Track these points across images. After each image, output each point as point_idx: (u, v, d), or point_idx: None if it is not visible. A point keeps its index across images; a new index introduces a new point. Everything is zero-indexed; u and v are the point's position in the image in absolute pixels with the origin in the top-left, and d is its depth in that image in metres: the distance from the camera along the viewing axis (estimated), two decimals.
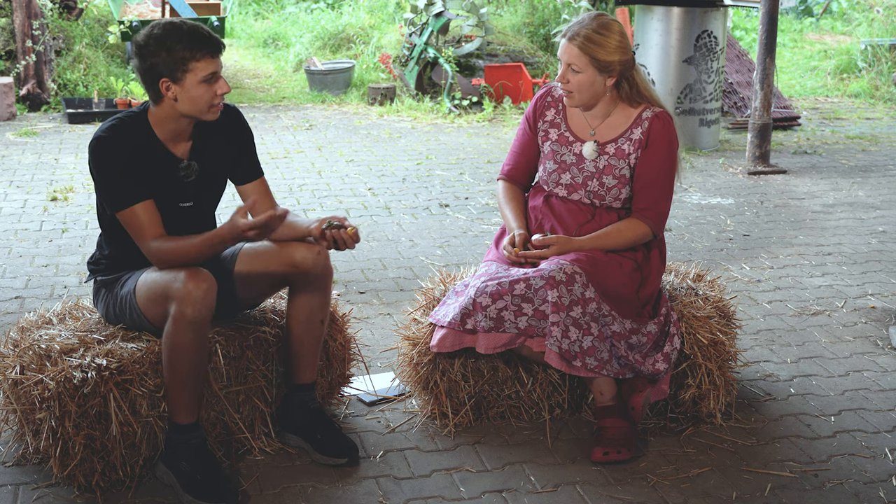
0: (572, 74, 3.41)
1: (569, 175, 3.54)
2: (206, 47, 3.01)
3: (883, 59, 11.26)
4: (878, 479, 3.23)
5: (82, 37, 10.13)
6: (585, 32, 3.36)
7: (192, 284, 2.93)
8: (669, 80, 8.07)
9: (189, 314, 2.94)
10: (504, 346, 3.35)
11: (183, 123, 3.12)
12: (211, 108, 3.08)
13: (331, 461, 3.26)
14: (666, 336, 3.44)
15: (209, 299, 2.96)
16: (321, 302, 3.29)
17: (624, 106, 3.51)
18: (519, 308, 3.29)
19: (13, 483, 3.15)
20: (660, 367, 3.38)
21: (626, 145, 3.48)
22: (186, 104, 3.04)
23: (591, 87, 3.42)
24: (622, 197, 3.53)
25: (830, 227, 6.14)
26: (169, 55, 2.98)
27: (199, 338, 3.00)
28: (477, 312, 3.32)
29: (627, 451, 3.30)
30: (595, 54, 3.36)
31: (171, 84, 3.01)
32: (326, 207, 6.45)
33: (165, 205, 3.14)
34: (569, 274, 3.28)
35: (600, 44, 3.36)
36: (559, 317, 3.24)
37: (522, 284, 3.30)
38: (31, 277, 5.08)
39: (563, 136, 3.56)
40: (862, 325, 4.55)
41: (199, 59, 3.00)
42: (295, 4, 14.64)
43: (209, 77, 3.03)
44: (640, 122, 3.48)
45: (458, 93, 9.91)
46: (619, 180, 3.50)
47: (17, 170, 7.36)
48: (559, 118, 3.59)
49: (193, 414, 3.08)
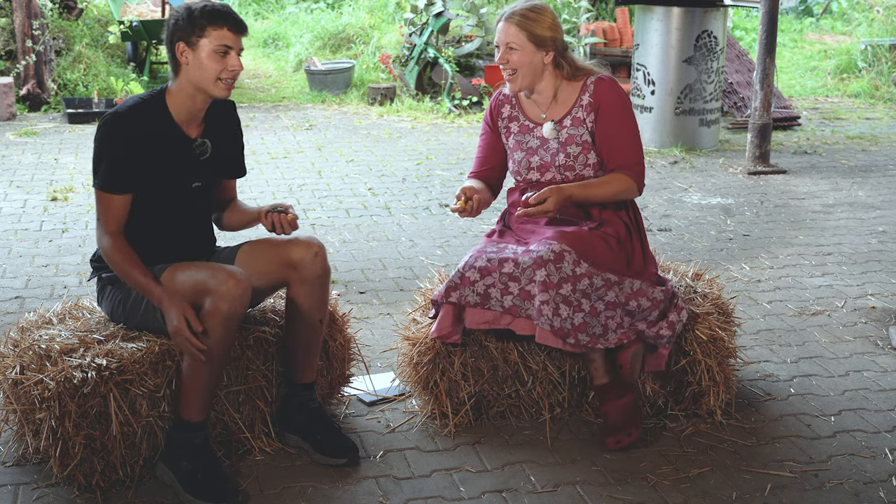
0: (510, 53, 3.50)
1: (537, 157, 3.61)
2: (227, 20, 3.08)
3: (883, 59, 11.26)
4: (878, 479, 3.23)
5: (82, 37, 10.13)
6: (521, 11, 3.51)
7: (232, 282, 2.99)
8: (669, 80, 8.07)
9: (225, 310, 2.97)
10: (488, 323, 3.39)
11: (197, 100, 3.16)
12: (218, 81, 3.10)
13: (331, 461, 3.26)
14: (674, 307, 3.46)
15: (245, 298, 3.02)
16: (319, 302, 3.29)
17: (567, 83, 3.60)
18: (506, 286, 3.34)
19: (13, 483, 3.15)
20: (663, 332, 3.40)
21: (579, 113, 3.57)
22: (195, 71, 3.09)
23: (531, 64, 3.51)
24: (591, 162, 3.57)
25: (830, 227, 6.14)
26: (190, 20, 3.07)
27: (230, 335, 3.03)
28: (464, 286, 3.37)
29: (636, 428, 3.38)
30: (532, 29, 3.48)
31: (186, 48, 3.08)
32: (326, 207, 6.45)
33: (178, 185, 3.20)
34: (557, 252, 3.31)
35: (535, 20, 3.50)
36: (548, 295, 3.26)
37: (511, 263, 3.34)
38: (31, 277, 5.08)
39: (524, 125, 3.65)
40: (862, 325, 4.55)
41: (217, 28, 3.06)
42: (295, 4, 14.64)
43: (223, 49, 3.07)
44: (585, 89, 3.57)
45: (458, 93, 9.91)
46: (583, 147, 3.56)
47: (17, 170, 7.37)
48: (516, 111, 3.68)
49: (204, 412, 3.09)
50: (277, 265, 3.24)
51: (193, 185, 3.24)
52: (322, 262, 3.26)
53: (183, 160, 3.20)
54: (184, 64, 3.10)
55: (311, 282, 3.25)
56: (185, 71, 3.11)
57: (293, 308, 3.28)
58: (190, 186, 3.24)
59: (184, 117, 3.18)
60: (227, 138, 3.35)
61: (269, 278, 3.27)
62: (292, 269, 3.24)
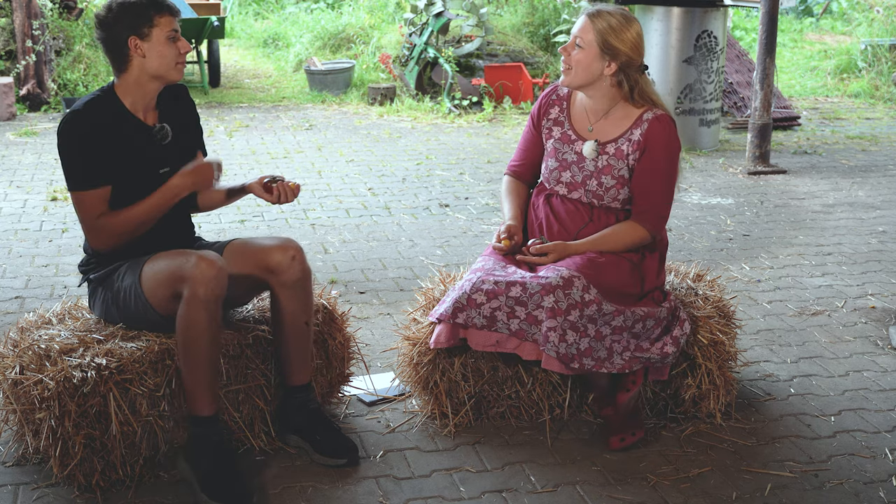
0: (575, 49, 3.43)
1: (569, 174, 3.55)
2: (168, 6, 3.20)
3: (883, 59, 11.26)
4: (878, 479, 3.23)
5: (82, 37, 10.13)
6: (606, 15, 3.42)
7: (204, 264, 2.99)
8: (669, 80, 8.07)
9: (202, 294, 2.97)
10: (494, 346, 3.35)
11: (151, 89, 3.24)
12: (177, 66, 3.22)
13: (330, 461, 3.26)
14: (676, 320, 3.45)
15: (221, 279, 3.01)
16: (303, 305, 3.28)
17: (626, 105, 3.50)
18: (512, 310, 3.29)
19: (13, 483, 3.15)
20: (668, 349, 3.39)
21: (625, 146, 3.48)
22: (155, 60, 3.17)
23: (589, 68, 3.43)
24: (621, 198, 3.52)
25: (830, 227, 6.14)
26: (133, 14, 3.16)
27: (213, 318, 3.02)
28: (470, 308, 3.32)
29: (639, 429, 3.38)
30: (606, 36, 3.38)
31: (139, 41, 3.16)
32: (326, 207, 6.45)
33: (146, 174, 3.23)
34: (566, 278, 3.28)
35: (616, 29, 3.39)
36: (556, 321, 3.24)
37: (519, 287, 3.30)
38: (31, 277, 5.08)
39: (566, 134, 3.57)
40: (862, 325, 4.55)
41: (162, 15, 3.18)
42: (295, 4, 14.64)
43: (172, 34, 3.18)
44: (640, 124, 3.47)
45: (458, 93, 9.91)
46: (618, 181, 3.50)
47: (17, 170, 7.37)
48: (563, 116, 3.60)
49: (213, 405, 3.08)
50: (255, 269, 3.24)
51: (161, 171, 3.26)
52: (300, 264, 3.24)
53: (146, 148, 3.23)
54: (138, 56, 3.16)
55: (292, 285, 3.24)
56: (139, 63, 3.18)
57: (278, 313, 3.28)
58: (157, 173, 3.25)
59: (139, 107, 3.24)
60: (186, 120, 3.40)
61: (249, 281, 3.27)
62: (271, 273, 3.23)
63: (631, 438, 3.36)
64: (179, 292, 3.02)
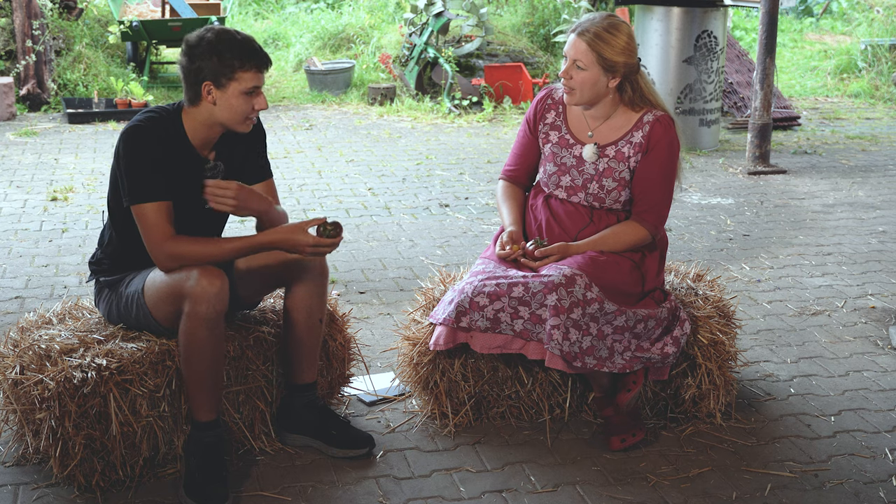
0: (576, 71, 3.39)
1: (569, 177, 3.54)
2: (256, 60, 3.04)
3: (883, 59, 11.26)
4: (878, 479, 3.23)
5: (82, 37, 10.13)
6: (595, 30, 3.36)
7: (205, 281, 2.94)
8: (669, 80, 8.07)
9: (203, 311, 2.95)
10: (499, 348, 3.35)
11: (215, 131, 3.13)
12: (246, 121, 3.11)
13: (350, 453, 3.28)
14: (676, 320, 3.45)
15: (223, 296, 2.98)
16: (319, 301, 3.29)
17: (625, 109, 3.50)
18: (515, 311, 3.30)
19: (13, 483, 3.15)
20: (668, 350, 3.39)
21: (626, 148, 3.48)
22: (224, 112, 3.06)
23: (594, 87, 3.41)
24: (622, 199, 3.52)
25: (830, 227, 6.14)
26: (219, 61, 3.00)
27: (215, 335, 3.00)
28: (473, 311, 3.32)
29: (640, 429, 3.38)
30: (602, 52, 3.35)
31: (214, 89, 3.03)
32: (326, 207, 6.45)
33: (189, 205, 3.13)
34: (568, 276, 3.28)
35: (609, 42, 3.35)
36: (559, 320, 3.24)
37: (521, 287, 3.30)
38: (31, 277, 5.08)
39: (564, 138, 3.56)
40: (862, 325, 4.55)
41: (247, 70, 3.02)
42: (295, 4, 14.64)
43: (251, 90, 3.05)
44: (641, 126, 3.47)
45: (458, 93, 9.91)
46: (619, 183, 3.50)
47: (17, 170, 7.37)
48: (559, 120, 3.59)
49: (213, 412, 3.09)
50: (276, 266, 3.24)
51: (206, 206, 3.16)
52: (320, 262, 3.25)
53: (195, 180, 3.13)
54: (209, 102, 3.05)
55: (310, 282, 3.25)
56: (208, 108, 3.06)
57: (293, 309, 3.28)
58: (202, 207, 3.16)
59: (199, 142, 3.14)
60: (248, 152, 3.29)
61: (269, 274, 3.27)
62: (291, 269, 3.23)
63: (632, 439, 3.36)
64: (181, 308, 3.00)
